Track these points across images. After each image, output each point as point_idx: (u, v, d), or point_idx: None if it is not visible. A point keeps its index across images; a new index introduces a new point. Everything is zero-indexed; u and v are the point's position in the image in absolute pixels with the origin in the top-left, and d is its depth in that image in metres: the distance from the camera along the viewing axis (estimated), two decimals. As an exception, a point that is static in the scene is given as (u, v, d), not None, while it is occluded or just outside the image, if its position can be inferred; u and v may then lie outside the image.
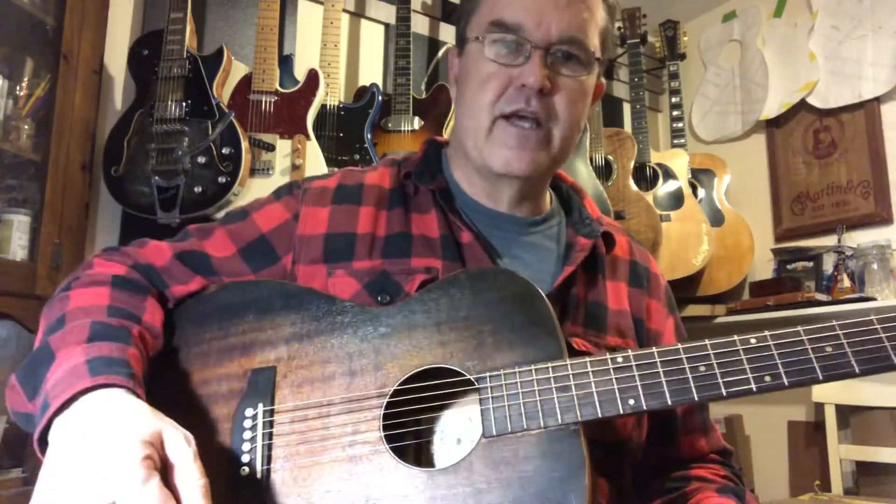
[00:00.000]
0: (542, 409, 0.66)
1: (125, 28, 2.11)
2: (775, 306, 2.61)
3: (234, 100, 2.03)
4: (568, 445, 0.64)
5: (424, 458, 0.71)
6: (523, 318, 0.71)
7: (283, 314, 0.77)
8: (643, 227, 2.68)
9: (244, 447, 0.69)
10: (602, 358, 0.68)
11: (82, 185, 1.85)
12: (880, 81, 2.65)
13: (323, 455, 0.68)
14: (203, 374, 0.75)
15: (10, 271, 1.65)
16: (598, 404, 0.66)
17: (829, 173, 2.84)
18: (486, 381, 0.69)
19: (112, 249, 0.87)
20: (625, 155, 2.83)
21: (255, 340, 0.76)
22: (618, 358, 0.68)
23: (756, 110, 3.07)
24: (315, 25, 2.33)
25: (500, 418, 0.66)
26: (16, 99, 1.78)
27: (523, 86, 0.82)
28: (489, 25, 0.84)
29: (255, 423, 0.70)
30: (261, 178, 1.98)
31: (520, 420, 0.66)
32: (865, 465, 2.34)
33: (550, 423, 0.65)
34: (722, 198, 3.01)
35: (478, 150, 0.87)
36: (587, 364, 0.68)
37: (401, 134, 2.27)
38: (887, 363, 0.63)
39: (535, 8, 0.81)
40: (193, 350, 0.77)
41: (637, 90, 3.01)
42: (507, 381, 0.68)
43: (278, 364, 0.74)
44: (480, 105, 0.84)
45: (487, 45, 0.84)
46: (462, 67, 0.90)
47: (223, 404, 0.72)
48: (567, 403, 0.66)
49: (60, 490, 0.57)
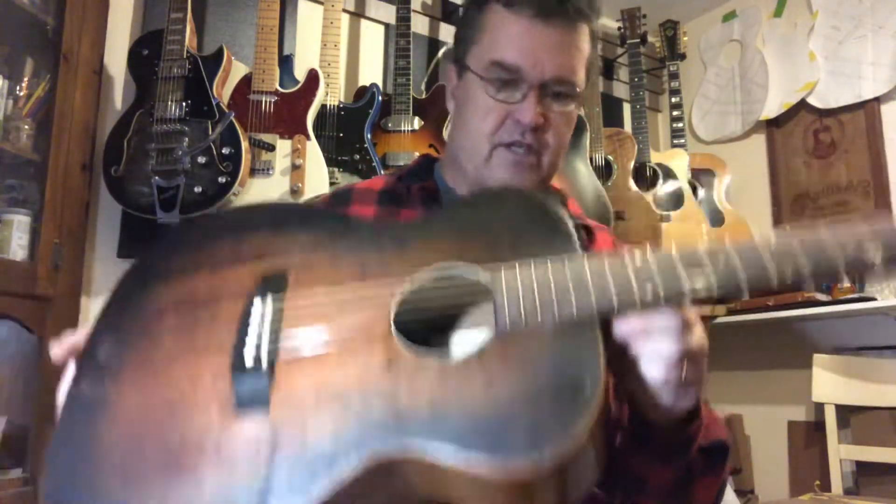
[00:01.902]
0: (558, 300, 0.64)
1: (125, 28, 2.11)
2: (775, 306, 2.61)
3: (234, 100, 2.03)
4: (582, 334, 0.63)
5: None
6: (541, 227, 0.73)
7: (298, 227, 0.79)
8: (643, 227, 2.68)
9: (250, 340, 0.69)
10: (619, 257, 0.67)
11: (82, 185, 1.86)
12: (880, 81, 2.65)
13: (330, 346, 0.67)
14: (213, 279, 0.75)
15: (10, 271, 1.65)
16: (615, 295, 0.64)
17: (829, 173, 2.84)
18: (500, 278, 0.68)
19: None
20: (625, 155, 2.83)
21: (267, 249, 0.77)
22: (636, 257, 0.66)
23: (756, 110, 3.07)
24: (315, 25, 2.33)
25: (514, 313, 0.65)
26: (16, 99, 1.78)
27: (519, 121, 0.90)
28: (490, 64, 0.91)
29: (264, 319, 0.70)
30: (261, 178, 1.98)
31: (534, 313, 0.64)
32: (865, 465, 2.34)
33: (565, 314, 0.64)
34: (722, 198, 3.01)
35: (476, 171, 0.95)
36: (604, 259, 0.66)
37: (401, 134, 2.27)
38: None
39: (531, 50, 0.89)
40: (205, 257, 0.78)
41: (637, 90, 3.01)
42: (521, 273, 0.67)
43: (290, 269, 0.75)
44: (480, 134, 0.92)
45: (487, 83, 0.91)
46: (461, 91, 0.97)
47: (232, 303, 0.72)
48: (583, 294, 0.64)
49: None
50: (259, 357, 0.68)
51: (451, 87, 1.01)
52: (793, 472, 2.74)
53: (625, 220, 2.68)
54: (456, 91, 0.99)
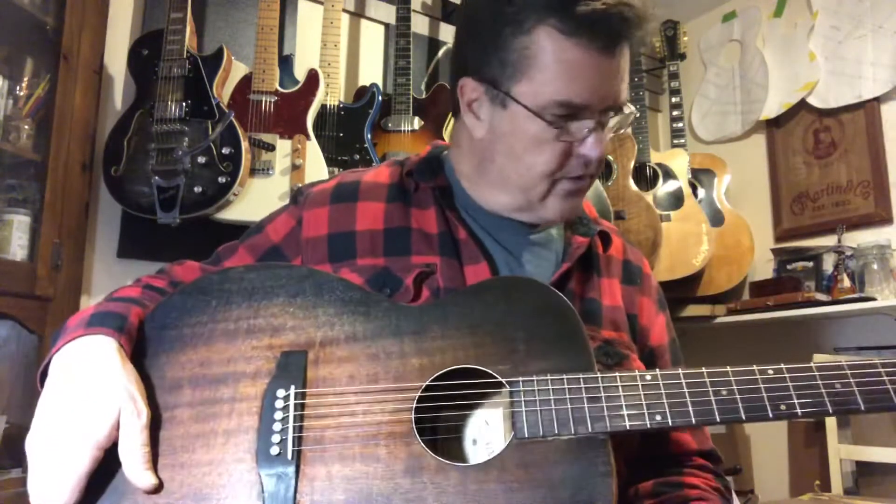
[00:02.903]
0: (573, 417, 0.69)
1: (125, 28, 2.11)
2: (775, 306, 2.61)
3: (234, 100, 2.03)
4: (596, 454, 0.67)
5: (441, 454, 0.72)
6: (556, 330, 0.74)
7: (315, 300, 0.78)
8: (643, 227, 2.67)
9: (275, 427, 0.70)
10: (632, 374, 0.73)
11: (82, 185, 1.86)
12: (880, 81, 2.65)
13: (354, 441, 0.69)
14: (230, 352, 0.75)
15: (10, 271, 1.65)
16: (627, 417, 0.69)
17: (829, 173, 2.84)
18: (518, 385, 0.71)
19: (159, 270, 0.96)
20: (625, 155, 2.83)
21: (284, 323, 0.76)
22: (646, 375, 0.72)
23: (756, 110, 3.07)
24: (315, 25, 2.33)
25: (533, 423, 0.69)
26: (16, 99, 1.78)
27: (586, 156, 0.84)
28: (554, 104, 0.81)
29: (287, 403, 0.71)
30: (261, 178, 1.98)
31: (551, 426, 0.69)
32: (865, 465, 2.34)
33: (581, 431, 0.69)
34: (722, 198, 3.01)
35: (529, 203, 0.89)
36: (617, 378, 0.72)
37: (401, 134, 2.27)
38: (889, 403, 0.70)
39: (600, 85, 0.81)
40: (220, 326, 0.76)
41: (637, 90, 3.01)
42: (539, 386, 0.71)
43: (309, 348, 0.74)
44: (539, 171, 0.85)
45: (547, 122, 0.82)
46: (502, 120, 0.86)
47: (251, 383, 0.73)
48: (597, 414, 0.69)
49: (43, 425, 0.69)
50: (285, 447, 0.68)
51: (477, 106, 0.89)
52: (793, 472, 2.74)
53: (625, 220, 2.68)
54: (492, 117, 0.87)
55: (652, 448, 0.91)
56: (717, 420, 0.69)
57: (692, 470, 0.91)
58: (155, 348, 0.75)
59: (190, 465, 0.68)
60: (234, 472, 0.67)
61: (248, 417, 0.70)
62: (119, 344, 0.72)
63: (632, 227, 2.68)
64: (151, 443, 0.69)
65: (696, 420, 0.69)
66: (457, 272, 0.86)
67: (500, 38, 0.83)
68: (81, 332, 0.73)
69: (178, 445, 0.69)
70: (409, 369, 0.73)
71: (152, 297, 0.84)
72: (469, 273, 0.87)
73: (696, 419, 0.69)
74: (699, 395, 0.70)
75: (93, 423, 0.67)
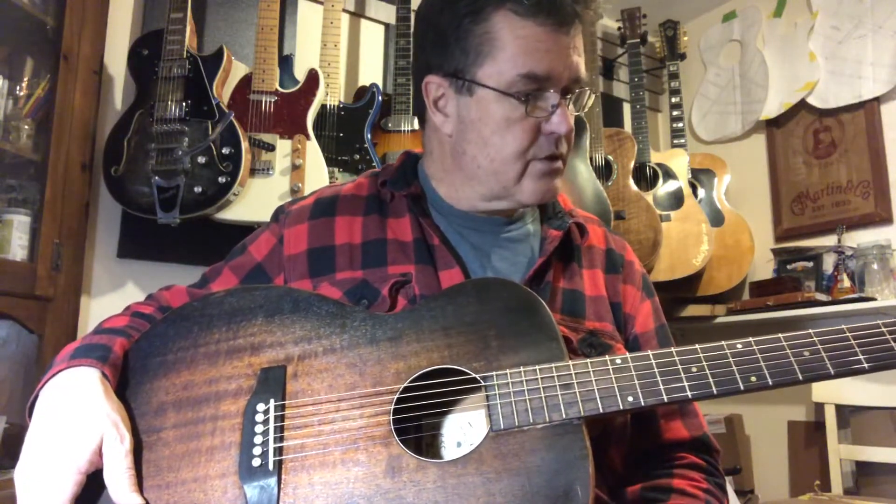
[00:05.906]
0: (547, 405, 0.71)
1: (125, 28, 2.11)
2: (775, 306, 2.61)
3: (234, 100, 2.03)
4: (572, 439, 0.69)
5: (426, 456, 0.73)
6: (526, 325, 0.76)
7: (292, 316, 0.80)
8: (643, 227, 2.68)
9: (256, 440, 0.72)
10: (602, 360, 0.74)
11: (82, 185, 1.86)
12: (880, 81, 2.65)
13: (334, 448, 0.70)
14: (211, 373, 0.77)
15: (10, 271, 1.65)
16: (600, 400, 0.71)
17: (829, 173, 2.84)
18: (492, 380, 0.73)
19: (148, 296, 0.98)
20: (625, 155, 2.83)
21: (263, 341, 0.78)
22: (616, 360, 0.74)
23: (756, 110, 3.07)
24: (315, 25, 2.33)
25: (508, 414, 0.71)
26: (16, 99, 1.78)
27: (554, 132, 0.87)
28: (517, 78, 0.84)
29: (267, 417, 0.73)
30: (261, 178, 1.98)
31: (526, 415, 0.70)
32: (865, 465, 2.34)
33: (555, 418, 0.70)
34: (722, 198, 3.01)
35: (506, 189, 0.90)
36: (588, 364, 0.73)
37: (401, 134, 2.27)
38: (858, 366, 0.70)
39: (558, 57, 0.85)
40: (201, 350, 0.79)
41: (637, 90, 3.01)
42: (512, 378, 0.73)
43: (288, 363, 0.76)
44: (510, 152, 0.87)
45: (513, 98, 0.85)
46: (468, 108, 0.89)
47: (232, 401, 0.75)
48: (570, 400, 0.71)
49: (29, 456, 0.71)
50: (266, 459, 0.70)
51: (443, 103, 0.92)
52: (793, 472, 2.74)
53: (625, 220, 2.68)
54: (458, 108, 0.90)
55: (643, 440, 0.91)
56: (689, 396, 0.71)
57: (682, 471, 0.90)
58: (140, 377, 0.78)
59: (175, 484, 0.70)
60: (219, 487, 0.69)
61: (230, 434, 0.72)
62: (102, 374, 0.75)
63: (632, 227, 2.68)
64: (138, 466, 0.71)
65: (668, 398, 0.71)
66: (432, 278, 0.88)
67: (460, 29, 0.87)
68: (65, 364, 0.75)
69: (165, 466, 0.71)
70: (387, 375, 0.74)
71: (140, 324, 0.86)
72: (444, 278, 0.88)
73: (668, 397, 0.71)
74: (669, 374, 0.72)
75: (74, 449, 0.69)
